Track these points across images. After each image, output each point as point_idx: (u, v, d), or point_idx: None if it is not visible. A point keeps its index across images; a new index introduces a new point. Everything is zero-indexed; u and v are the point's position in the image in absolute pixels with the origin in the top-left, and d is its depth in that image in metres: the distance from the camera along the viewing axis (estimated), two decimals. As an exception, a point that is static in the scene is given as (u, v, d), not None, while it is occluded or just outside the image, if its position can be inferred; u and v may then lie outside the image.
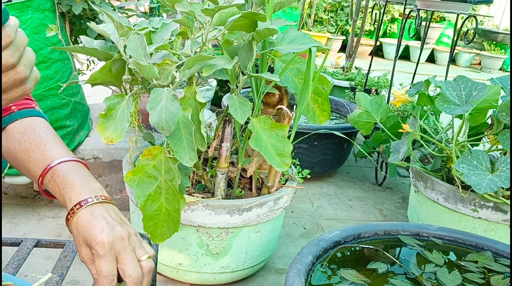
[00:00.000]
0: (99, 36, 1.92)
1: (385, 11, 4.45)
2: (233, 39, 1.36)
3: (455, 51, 6.80)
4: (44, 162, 0.76)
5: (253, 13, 1.15)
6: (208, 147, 1.64)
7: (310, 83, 1.35)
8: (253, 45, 1.23)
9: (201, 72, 1.23)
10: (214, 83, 2.68)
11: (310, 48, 1.29)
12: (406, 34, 5.41)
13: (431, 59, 7.73)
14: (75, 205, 0.73)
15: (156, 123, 1.13)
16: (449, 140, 1.94)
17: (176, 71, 1.23)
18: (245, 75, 1.30)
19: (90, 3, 1.85)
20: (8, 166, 1.47)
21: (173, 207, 1.26)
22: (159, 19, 1.35)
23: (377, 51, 7.60)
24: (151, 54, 1.23)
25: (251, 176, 1.60)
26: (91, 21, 1.93)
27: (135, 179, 1.24)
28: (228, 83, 2.49)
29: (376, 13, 3.24)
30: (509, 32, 7.36)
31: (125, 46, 1.19)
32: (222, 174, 1.48)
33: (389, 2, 2.91)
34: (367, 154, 2.33)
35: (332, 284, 1.18)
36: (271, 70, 1.48)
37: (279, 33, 1.31)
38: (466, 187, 1.68)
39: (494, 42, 7.53)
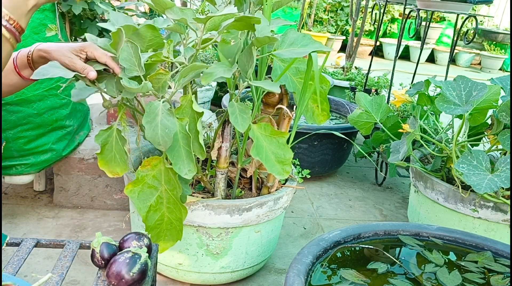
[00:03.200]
0: (100, 35, 1.92)
1: (385, 11, 4.45)
2: (230, 39, 1.35)
3: (455, 51, 6.81)
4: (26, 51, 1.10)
5: (247, 17, 1.13)
6: (208, 147, 1.64)
7: (308, 89, 1.34)
8: (252, 51, 1.21)
9: (195, 82, 1.22)
10: (214, 83, 2.68)
11: (309, 54, 1.27)
12: (406, 34, 5.41)
13: (431, 59, 7.73)
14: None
15: (152, 139, 1.11)
16: (449, 140, 1.94)
17: (171, 81, 1.21)
18: (245, 81, 1.28)
19: (91, 3, 1.85)
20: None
21: (175, 216, 1.26)
22: (163, 19, 1.34)
23: (377, 51, 7.60)
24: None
25: (251, 176, 1.60)
26: (91, 21, 1.93)
27: (135, 190, 1.23)
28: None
29: (376, 13, 3.24)
30: (509, 32, 7.36)
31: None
32: (222, 174, 1.48)
33: (389, 2, 2.91)
34: (366, 154, 2.33)
35: (332, 284, 1.19)
36: (270, 69, 1.48)
37: (279, 35, 1.30)
38: (466, 187, 1.68)
39: (494, 42, 7.53)
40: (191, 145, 1.17)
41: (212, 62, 1.63)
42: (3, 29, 0.86)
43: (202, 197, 1.48)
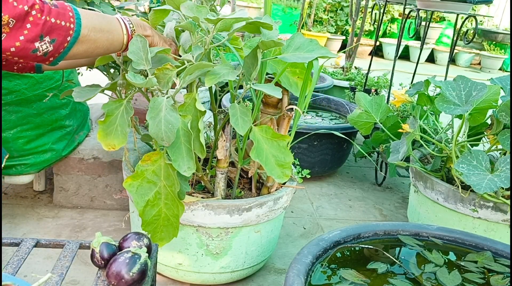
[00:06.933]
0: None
1: (385, 11, 4.44)
2: None
3: (455, 51, 6.80)
4: None
5: (258, 21, 1.14)
6: (208, 147, 1.64)
7: (309, 88, 1.34)
8: (257, 54, 1.20)
9: (201, 81, 1.22)
10: (214, 83, 2.68)
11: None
12: (406, 34, 5.42)
13: (431, 59, 7.73)
14: None
15: (156, 134, 1.11)
16: (449, 140, 1.94)
17: (176, 78, 1.21)
18: (248, 84, 1.28)
19: (90, 3, 1.85)
20: (4, 160, 1.47)
21: (172, 213, 1.26)
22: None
23: (377, 51, 7.60)
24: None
25: (250, 176, 1.60)
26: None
27: (134, 184, 1.23)
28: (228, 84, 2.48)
29: (376, 13, 3.24)
30: (509, 32, 7.37)
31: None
32: (222, 174, 1.48)
33: (389, 2, 2.91)
34: (366, 154, 2.33)
35: (332, 284, 1.19)
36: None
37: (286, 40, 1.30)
38: (465, 187, 1.68)
39: (494, 42, 7.53)
40: (192, 142, 1.17)
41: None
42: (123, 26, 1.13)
43: (202, 197, 1.48)
